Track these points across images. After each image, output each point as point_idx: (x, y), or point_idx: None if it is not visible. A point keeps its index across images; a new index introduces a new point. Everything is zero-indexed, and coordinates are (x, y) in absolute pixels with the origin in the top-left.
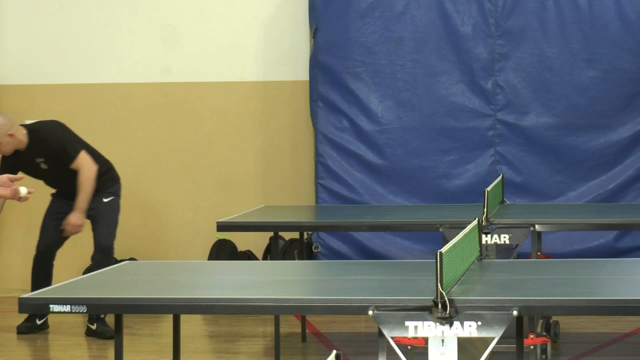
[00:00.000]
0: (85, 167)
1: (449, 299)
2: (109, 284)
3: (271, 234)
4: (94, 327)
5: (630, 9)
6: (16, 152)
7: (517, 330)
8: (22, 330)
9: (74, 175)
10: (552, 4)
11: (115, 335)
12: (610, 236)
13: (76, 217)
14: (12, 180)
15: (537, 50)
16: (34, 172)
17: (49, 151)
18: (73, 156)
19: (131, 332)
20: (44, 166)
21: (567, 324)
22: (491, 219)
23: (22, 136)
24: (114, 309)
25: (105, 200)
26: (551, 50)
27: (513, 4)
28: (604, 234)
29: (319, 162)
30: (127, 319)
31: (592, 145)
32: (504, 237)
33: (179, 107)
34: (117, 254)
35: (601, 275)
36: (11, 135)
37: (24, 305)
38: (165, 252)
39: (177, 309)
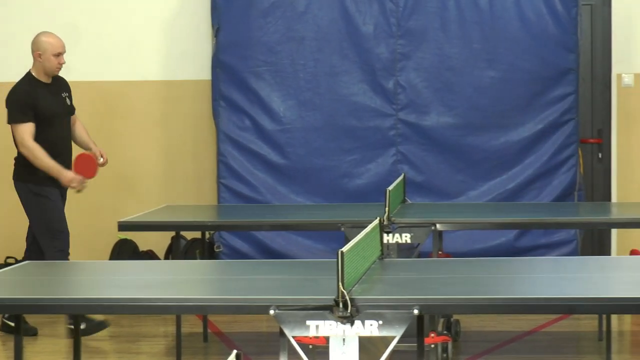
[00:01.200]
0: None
1: (350, 298)
2: (9, 283)
3: (173, 233)
4: (83, 326)
5: (530, 10)
6: (42, 85)
7: (418, 329)
8: None
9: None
10: (452, 4)
11: (15, 335)
12: (511, 235)
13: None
14: None
15: (438, 50)
16: (55, 109)
17: (68, 89)
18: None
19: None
20: (68, 102)
21: (468, 322)
22: (392, 218)
23: (52, 66)
24: (14, 309)
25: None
26: (452, 50)
27: (414, 4)
28: (505, 233)
29: (221, 161)
30: (27, 319)
31: (492, 145)
32: (405, 236)
33: (80, 106)
34: (16, 254)
35: (501, 274)
36: (39, 55)
37: None
38: None
39: (77, 309)
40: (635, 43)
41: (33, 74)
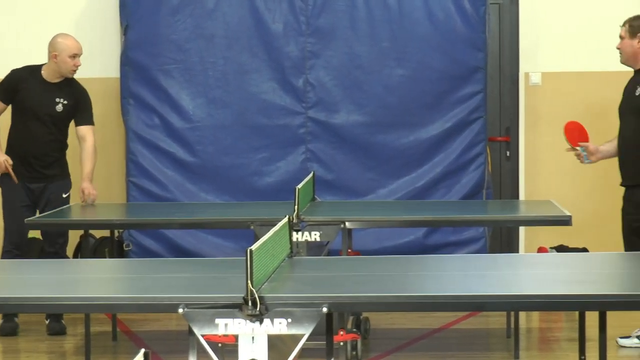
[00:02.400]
0: (93, 139)
1: (259, 296)
2: None
3: (81, 232)
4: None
5: (438, 9)
6: (40, 81)
7: (327, 326)
8: None
9: (58, 142)
10: (362, 2)
11: None
12: (420, 233)
13: (92, 186)
14: None
15: (348, 48)
16: (36, 108)
17: (77, 98)
18: (91, 122)
19: None
20: (59, 108)
21: (377, 320)
22: (302, 216)
23: (68, 67)
24: None
25: (64, 196)
26: (361, 49)
27: (323, 3)
28: (414, 231)
29: (130, 159)
30: None
31: (401, 143)
32: (315, 234)
33: None
34: None
35: (410, 271)
36: (55, 56)
37: None
38: None
39: None
40: (543, 42)
41: (42, 69)
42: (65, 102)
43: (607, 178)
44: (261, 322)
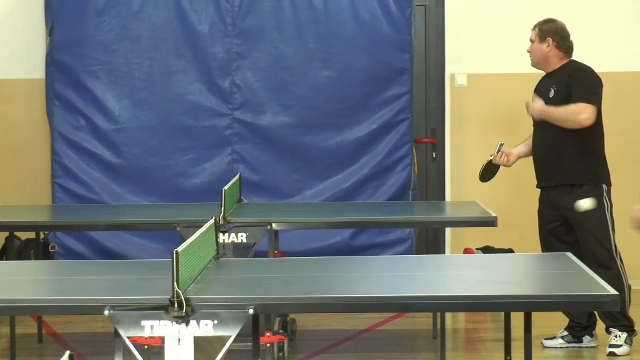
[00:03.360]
0: None
1: (185, 298)
2: None
3: (7, 234)
4: None
5: (364, 10)
6: None
7: (254, 328)
8: None
9: None
10: (288, 4)
11: None
12: (347, 234)
13: None
14: None
15: (274, 50)
16: None
17: None
18: None
19: None
20: None
21: (304, 321)
22: (229, 218)
23: None
24: None
25: None
26: (288, 50)
27: (250, 4)
28: (341, 232)
29: (56, 161)
30: None
31: (328, 145)
32: (242, 236)
33: None
34: None
35: (337, 273)
36: None
37: None
38: None
39: None
40: (468, 44)
41: None
42: None
43: (532, 179)
44: (187, 324)
